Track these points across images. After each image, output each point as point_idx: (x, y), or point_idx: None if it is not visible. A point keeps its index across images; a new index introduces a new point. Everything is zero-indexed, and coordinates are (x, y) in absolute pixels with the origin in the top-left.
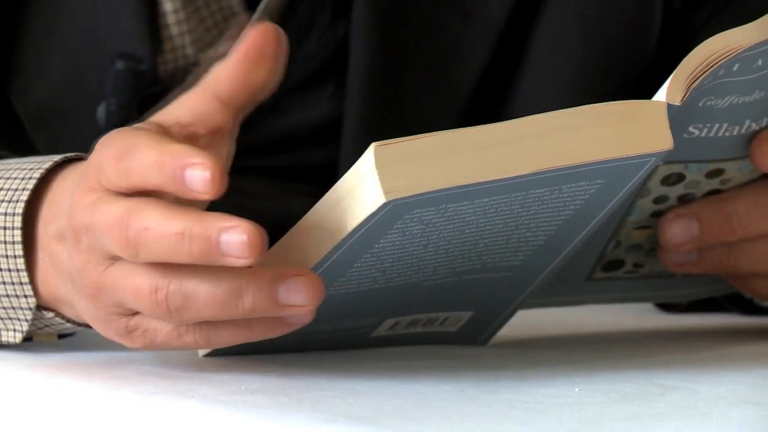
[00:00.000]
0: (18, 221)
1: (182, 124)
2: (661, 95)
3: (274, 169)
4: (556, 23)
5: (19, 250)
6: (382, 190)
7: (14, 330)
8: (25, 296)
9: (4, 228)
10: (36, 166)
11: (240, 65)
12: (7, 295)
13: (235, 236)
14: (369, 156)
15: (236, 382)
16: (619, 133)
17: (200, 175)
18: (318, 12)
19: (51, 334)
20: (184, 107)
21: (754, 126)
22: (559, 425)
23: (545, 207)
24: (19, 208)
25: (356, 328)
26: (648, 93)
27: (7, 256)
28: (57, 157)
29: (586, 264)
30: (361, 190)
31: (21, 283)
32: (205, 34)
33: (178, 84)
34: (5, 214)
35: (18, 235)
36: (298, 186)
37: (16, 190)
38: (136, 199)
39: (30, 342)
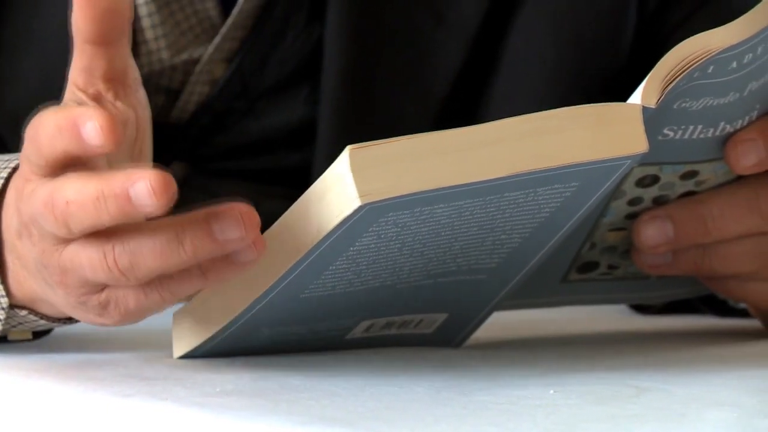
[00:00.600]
0: None
1: (81, 87)
2: (636, 97)
3: (248, 172)
4: (529, 26)
5: None
6: (358, 194)
7: None
8: None
9: None
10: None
11: (85, 21)
12: None
13: (141, 186)
14: (344, 159)
15: (211, 384)
16: (594, 136)
17: (92, 127)
18: (293, 15)
19: (25, 331)
20: (72, 71)
21: (729, 128)
22: (533, 427)
23: (520, 210)
24: None
25: (331, 330)
26: (623, 95)
27: None
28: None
29: (561, 266)
30: (336, 193)
31: None
32: (180, 38)
33: (153, 88)
34: None
35: None
36: (272, 189)
37: None
38: (57, 178)
39: (5, 343)
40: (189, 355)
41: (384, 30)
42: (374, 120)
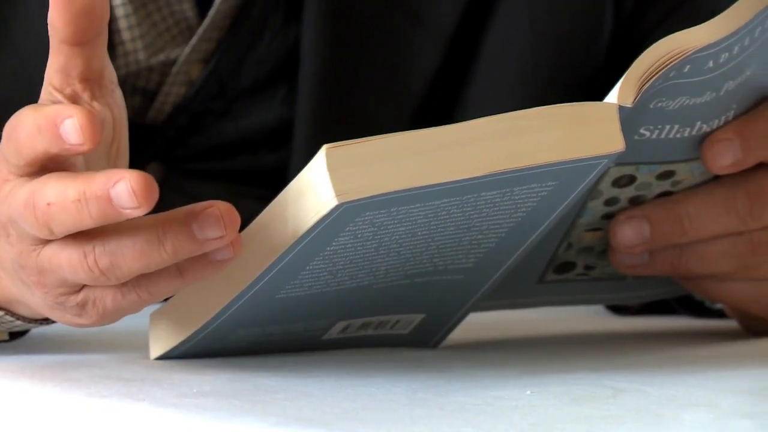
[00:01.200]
0: None
1: (57, 87)
2: (612, 97)
3: (225, 173)
4: (506, 26)
5: None
6: (334, 193)
7: None
8: None
9: None
10: None
11: (61, 20)
12: None
13: (122, 187)
14: (320, 158)
15: (188, 385)
16: (570, 135)
17: (71, 125)
18: (269, 15)
19: (1, 332)
20: (48, 71)
21: (705, 127)
22: (510, 427)
23: (497, 209)
24: None
25: (307, 330)
26: (600, 96)
27: None
28: None
29: (538, 266)
30: (313, 192)
31: None
32: (157, 39)
33: (130, 88)
34: None
35: None
36: (249, 189)
37: None
38: (40, 177)
39: None
40: (166, 356)
41: (361, 30)
42: (351, 120)
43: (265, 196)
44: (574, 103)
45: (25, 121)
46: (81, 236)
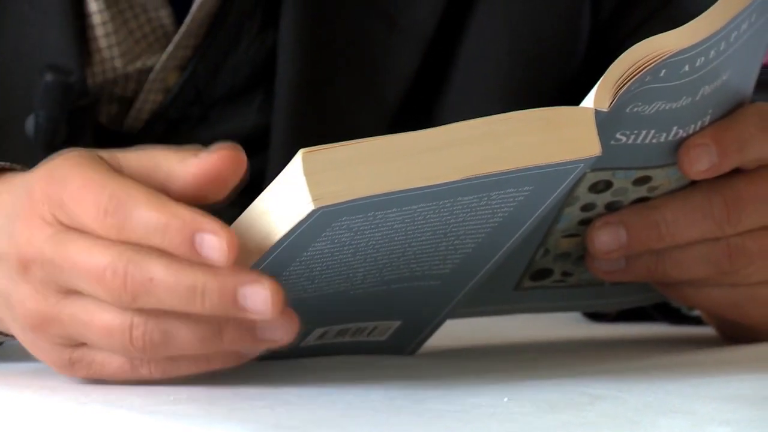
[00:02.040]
0: None
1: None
2: (588, 101)
3: None
4: (483, 31)
5: None
6: (311, 197)
7: None
8: None
9: None
10: None
11: (196, 182)
12: None
13: (258, 292)
14: (297, 162)
15: (165, 392)
16: (547, 139)
17: (213, 242)
18: (246, 22)
19: None
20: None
21: (682, 133)
22: None
23: (474, 214)
24: None
25: None
26: (577, 101)
27: None
28: None
29: (515, 273)
30: (290, 197)
31: None
32: (134, 47)
33: (107, 96)
34: None
35: None
36: None
37: None
38: (126, 245)
39: None
40: None
41: (337, 36)
42: (328, 127)
43: (242, 202)
44: (551, 108)
45: (146, 209)
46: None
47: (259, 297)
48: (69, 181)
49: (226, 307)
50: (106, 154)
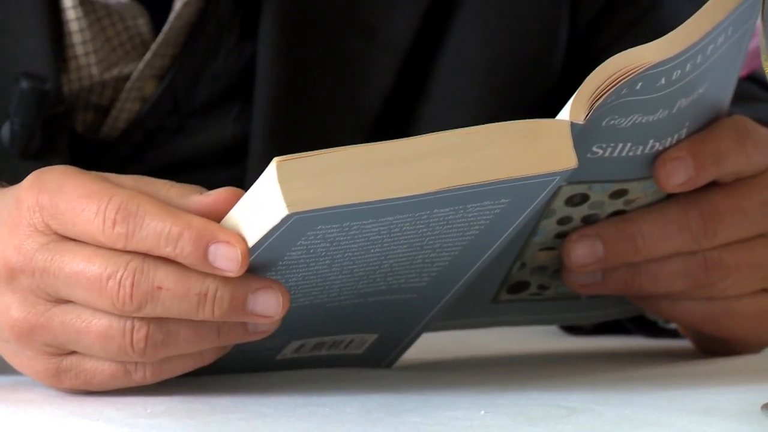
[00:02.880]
0: None
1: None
2: (564, 113)
3: None
4: (461, 43)
5: None
6: (285, 203)
7: None
8: None
9: None
10: None
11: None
12: None
13: (270, 298)
14: (271, 170)
15: (142, 405)
16: (523, 152)
17: (227, 252)
18: (224, 33)
19: None
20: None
21: (658, 146)
22: None
23: (450, 227)
24: None
25: (261, 350)
26: (555, 113)
27: None
28: None
29: (491, 286)
30: (264, 204)
31: None
32: (111, 54)
33: (83, 104)
34: None
35: None
36: None
37: None
38: (132, 255)
39: None
40: None
41: (316, 47)
42: (306, 137)
43: None
44: (527, 120)
45: (157, 219)
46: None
47: (270, 302)
48: (67, 190)
49: (236, 313)
50: (96, 173)
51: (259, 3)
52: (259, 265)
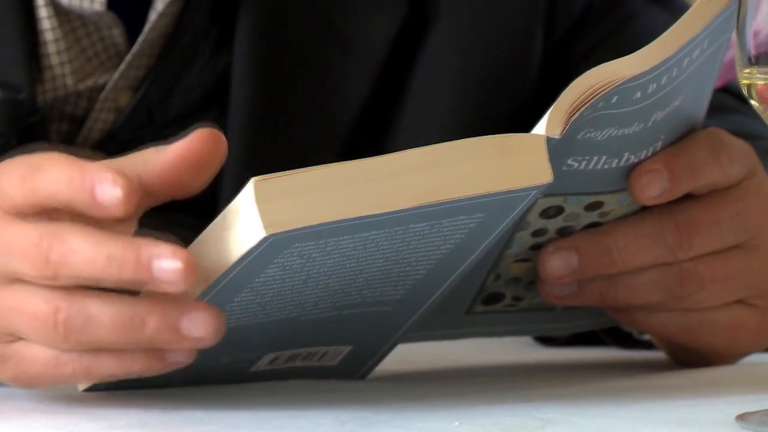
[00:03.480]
0: None
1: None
2: (540, 128)
3: None
4: (437, 56)
5: None
6: (263, 225)
7: None
8: None
9: None
10: None
11: (175, 165)
12: None
13: (170, 263)
14: (249, 190)
15: (116, 417)
16: (498, 167)
17: (111, 191)
18: (199, 44)
19: None
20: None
21: (633, 158)
22: None
23: (425, 241)
24: None
25: (235, 362)
26: (529, 127)
27: None
28: None
29: (466, 297)
30: (242, 224)
31: None
32: (86, 65)
33: (57, 114)
34: None
35: None
36: (180, 218)
37: None
38: (54, 221)
39: None
40: (94, 389)
41: (291, 59)
42: (281, 150)
43: (196, 225)
44: (502, 135)
45: (55, 168)
46: (59, 289)
47: (171, 267)
48: (11, 169)
49: (141, 276)
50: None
51: (235, 14)
52: (236, 284)
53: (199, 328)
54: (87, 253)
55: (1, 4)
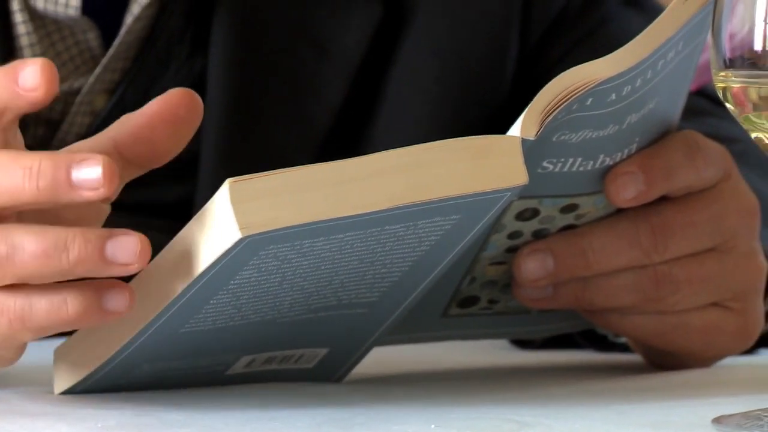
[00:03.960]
0: None
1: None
2: (515, 129)
3: (130, 204)
4: (413, 59)
5: None
6: (238, 226)
7: None
8: None
9: None
10: None
11: (150, 123)
12: None
13: (89, 168)
14: (224, 192)
15: (93, 419)
16: (473, 169)
17: (31, 71)
18: (175, 47)
19: None
20: (82, 146)
21: (609, 161)
22: None
23: (401, 243)
24: None
25: (212, 365)
26: (505, 129)
27: None
28: None
29: (441, 300)
30: (217, 225)
31: None
32: (61, 68)
33: (33, 118)
34: None
35: None
36: (155, 221)
37: None
38: None
39: None
40: (70, 391)
41: (266, 63)
42: (256, 153)
43: (171, 228)
44: (477, 137)
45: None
46: None
47: (91, 174)
48: None
49: (60, 186)
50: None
51: (210, 17)
52: (211, 286)
53: (124, 253)
54: (4, 166)
55: None
